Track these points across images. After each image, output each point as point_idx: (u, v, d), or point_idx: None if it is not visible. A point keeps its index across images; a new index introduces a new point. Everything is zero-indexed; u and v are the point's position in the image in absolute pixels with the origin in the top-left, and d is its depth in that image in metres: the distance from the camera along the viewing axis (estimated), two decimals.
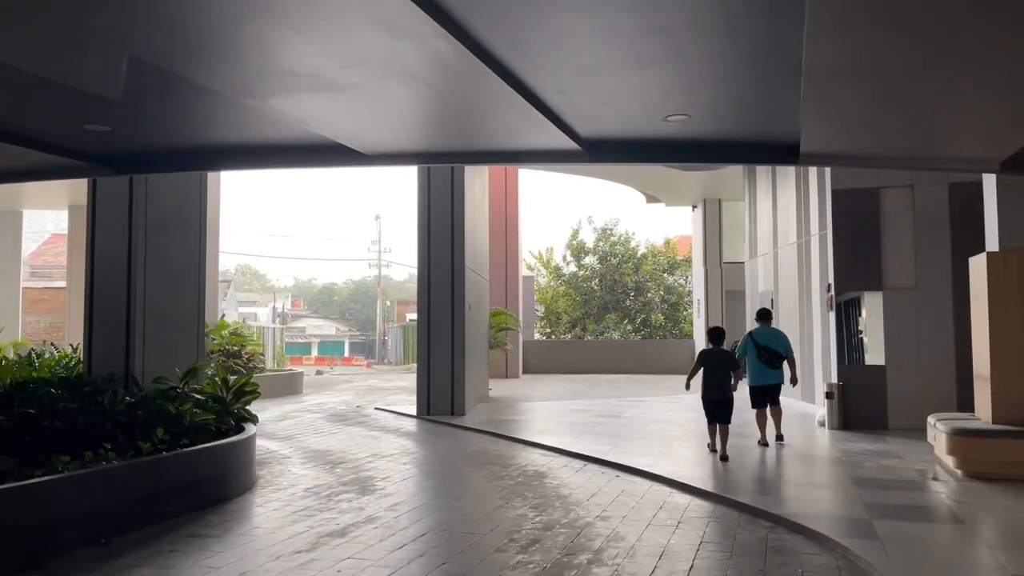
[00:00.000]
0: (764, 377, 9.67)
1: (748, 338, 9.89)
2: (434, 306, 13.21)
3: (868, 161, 4.75)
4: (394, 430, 11.50)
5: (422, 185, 13.38)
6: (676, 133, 4.39)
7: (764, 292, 17.17)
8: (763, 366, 9.64)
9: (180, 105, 4.55)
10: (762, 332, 9.94)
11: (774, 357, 9.65)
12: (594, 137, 4.48)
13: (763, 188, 17.23)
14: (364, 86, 3.78)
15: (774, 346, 9.72)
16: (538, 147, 4.57)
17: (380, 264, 72.07)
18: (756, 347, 9.71)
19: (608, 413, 13.47)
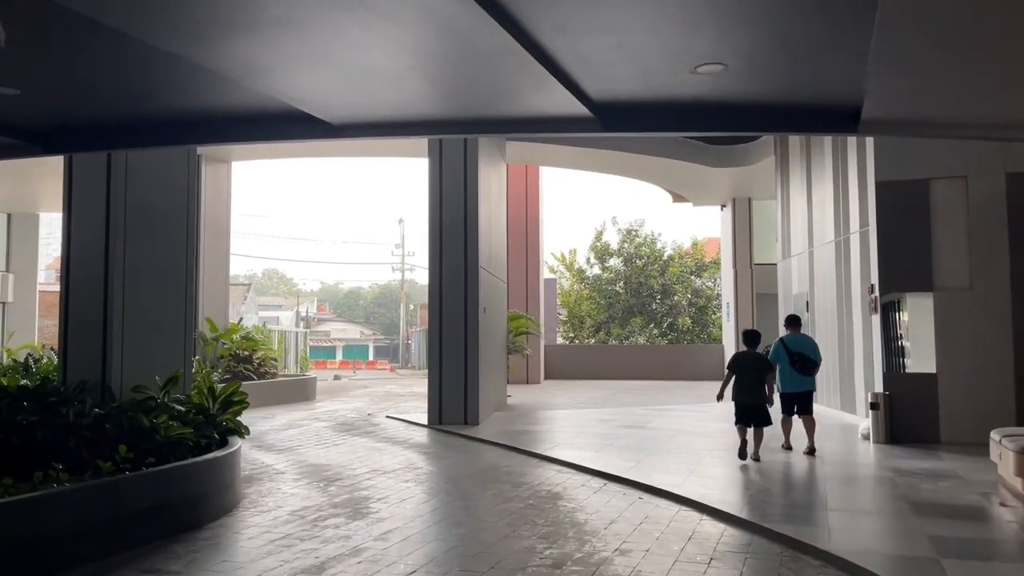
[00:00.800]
0: (797, 384, 9.36)
1: (780, 344, 9.50)
2: (446, 309, 12.47)
3: (943, 130, 3.94)
4: (401, 441, 10.76)
5: (433, 182, 12.65)
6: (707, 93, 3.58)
7: (798, 294, 16.21)
8: (796, 373, 9.33)
9: (100, 61, 3.76)
10: (793, 338, 9.58)
11: (808, 364, 9.35)
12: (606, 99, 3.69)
13: (797, 184, 16.27)
14: (320, 26, 3.01)
15: (807, 352, 9.41)
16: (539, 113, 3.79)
17: (403, 268, 71.87)
18: (789, 353, 9.35)
19: (632, 423, 12.62)
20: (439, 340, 12.45)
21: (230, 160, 18.42)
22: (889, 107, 3.54)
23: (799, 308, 16.08)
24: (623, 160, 18.78)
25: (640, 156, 18.33)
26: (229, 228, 18.63)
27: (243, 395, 8.01)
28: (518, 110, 3.79)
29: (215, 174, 18.01)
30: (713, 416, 13.38)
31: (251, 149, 17.83)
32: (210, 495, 6.30)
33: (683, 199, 24.72)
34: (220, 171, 18.20)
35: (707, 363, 25.25)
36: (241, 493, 7.02)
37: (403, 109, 3.88)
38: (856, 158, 12.66)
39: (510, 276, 23.39)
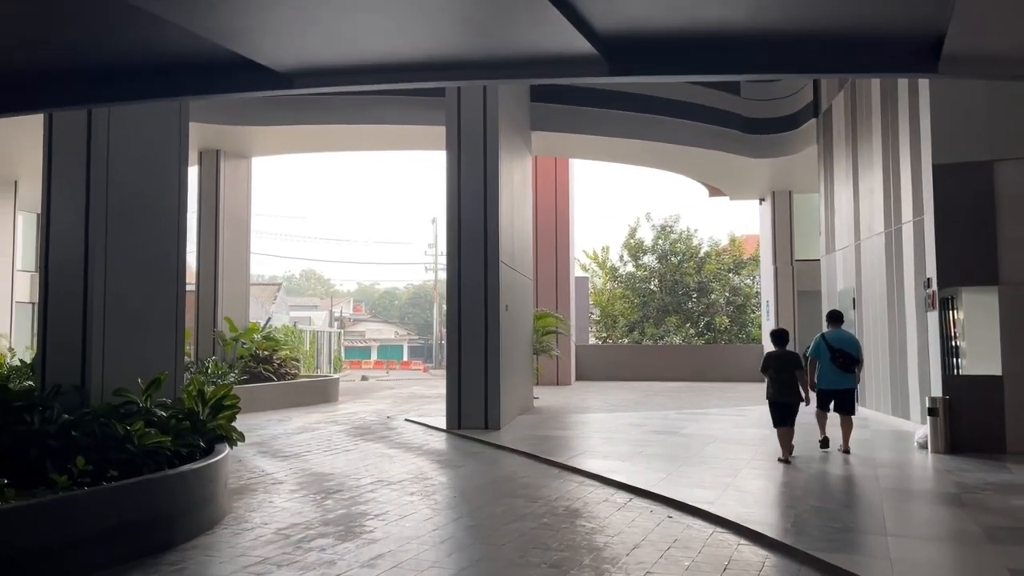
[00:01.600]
0: (838, 381, 9.21)
1: (821, 340, 9.36)
2: (465, 307, 11.76)
3: None
4: (416, 448, 10.07)
5: (451, 174, 11.95)
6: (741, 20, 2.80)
7: (844, 291, 15.18)
8: (837, 370, 9.18)
9: None
10: (835, 334, 9.41)
11: (849, 360, 9.17)
12: (616, 32, 2.92)
13: (842, 172, 15.25)
14: None
15: (848, 349, 9.22)
16: (532, 51, 3.05)
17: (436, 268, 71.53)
18: (830, 350, 9.19)
19: (664, 429, 11.78)
20: (458, 340, 11.74)
21: (250, 155, 17.95)
22: (976, 36, 2.69)
23: (845, 305, 15.06)
24: (656, 151, 17.91)
25: (674, 147, 17.44)
26: (249, 226, 18.16)
27: (235, 399, 7.38)
28: (505, 48, 3.05)
29: (234, 169, 17.55)
30: (752, 421, 12.49)
31: (272, 143, 17.34)
32: (185, 512, 5.65)
33: (720, 193, 23.72)
34: (239, 167, 17.74)
35: (745, 364, 24.16)
36: (226, 508, 6.38)
37: (364, 51, 3.16)
38: (909, 140, 11.66)
39: (538, 274, 22.65)
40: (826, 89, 16.51)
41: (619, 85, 16.48)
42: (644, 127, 16.82)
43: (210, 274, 17.16)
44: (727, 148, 17.93)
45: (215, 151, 17.14)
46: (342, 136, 16.60)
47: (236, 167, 17.64)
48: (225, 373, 14.95)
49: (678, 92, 17.13)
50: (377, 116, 15.23)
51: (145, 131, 7.36)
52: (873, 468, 8.28)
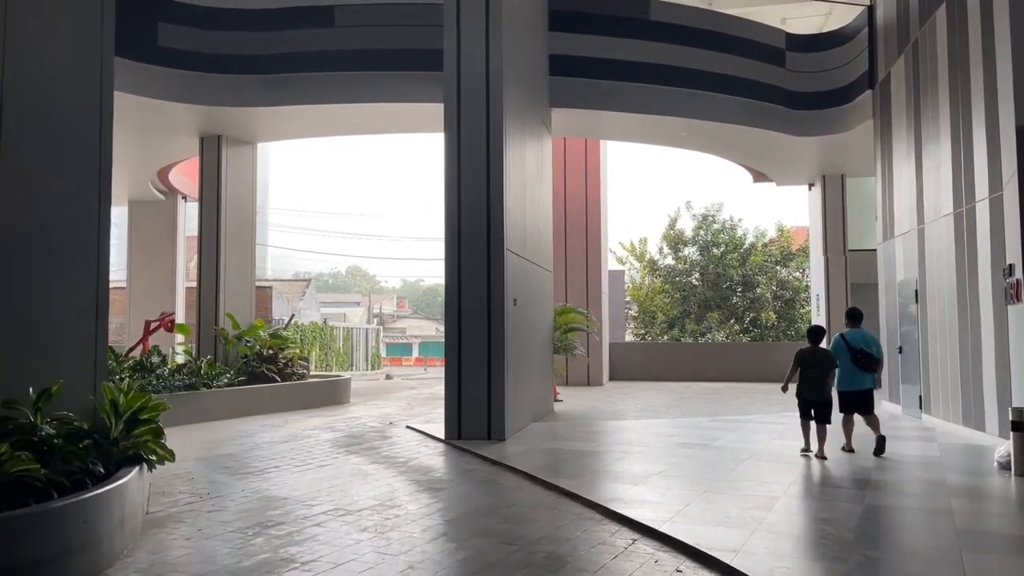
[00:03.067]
0: (858, 382, 8.92)
1: (840, 340, 9.04)
2: (466, 301, 10.41)
3: None
4: (401, 463, 8.76)
5: (449, 150, 10.59)
6: None
7: (905, 282, 13.42)
8: (857, 370, 8.90)
9: None
10: (855, 334, 9.09)
11: (870, 361, 8.88)
12: None
13: (902, 147, 13.46)
14: None
15: (869, 348, 8.92)
16: None
17: None
18: (850, 350, 8.92)
19: (695, 440, 10.28)
20: (457, 339, 10.40)
21: (255, 141, 16.88)
22: None
23: (905, 297, 13.30)
24: (692, 130, 16.28)
25: (711, 125, 15.80)
26: (254, 217, 17.10)
27: (157, 409, 6.17)
28: None
29: (238, 157, 16.50)
30: (795, 431, 10.88)
31: (277, 128, 16.24)
32: (44, 561, 4.41)
33: (765, 178, 21.91)
34: (243, 154, 16.68)
35: None
36: (119, 549, 5.13)
37: None
38: (984, 103, 9.92)
39: (567, 266, 21.20)
40: (884, 55, 14.71)
41: (648, 55, 14.94)
42: (677, 103, 15.22)
43: (212, 268, 16.15)
44: (771, 126, 16.21)
45: (216, 136, 16.10)
46: (350, 118, 15.40)
47: (240, 154, 16.59)
48: (220, 374, 13.88)
49: (715, 64, 15.51)
50: (380, 94, 13.96)
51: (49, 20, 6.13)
52: (944, 498, 6.67)
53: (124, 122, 15.06)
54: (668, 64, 15.15)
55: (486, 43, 10.63)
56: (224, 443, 10.43)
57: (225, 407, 13.48)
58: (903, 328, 13.52)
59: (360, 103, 14.25)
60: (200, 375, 13.42)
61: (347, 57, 14.13)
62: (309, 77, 14.20)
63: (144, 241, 23.03)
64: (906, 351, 13.35)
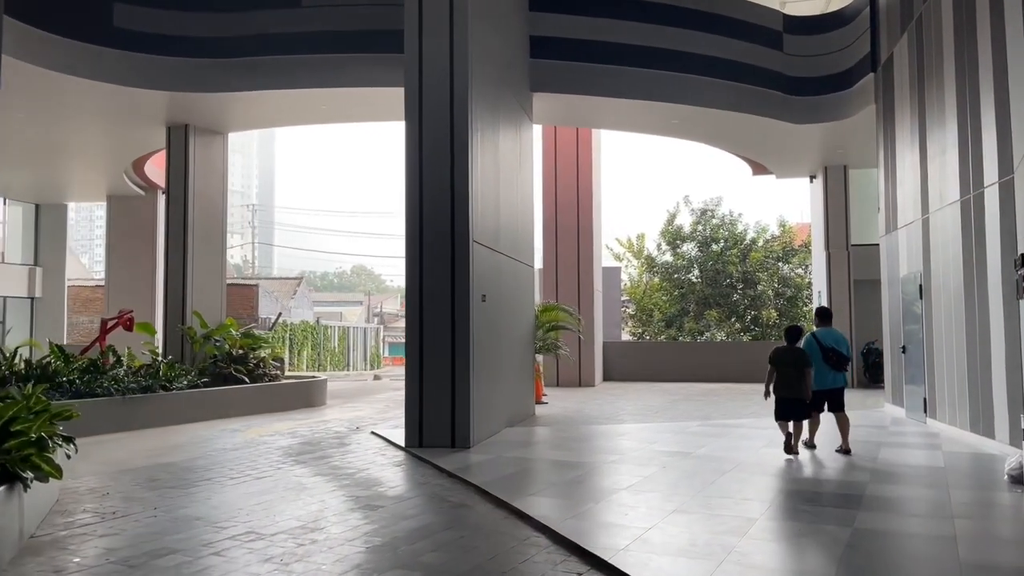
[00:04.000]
0: (830, 380, 8.98)
1: (812, 339, 9.05)
2: (428, 296, 9.59)
3: None
4: (348, 476, 7.95)
5: (411, 134, 9.77)
6: None
7: (908, 277, 12.54)
8: (829, 369, 8.94)
9: None
10: (825, 333, 9.15)
11: (841, 359, 8.94)
12: None
13: (906, 132, 12.58)
14: None
15: (840, 347, 9.00)
16: None
17: None
18: (822, 348, 8.94)
19: (678, 447, 9.45)
20: (418, 338, 9.58)
21: (224, 131, 16.11)
22: None
23: (909, 293, 12.42)
24: (685, 117, 15.42)
25: (705, 111, 14.94)
26: (225, 210, 16.33)
27: (54, 418, 5.38)
28: None
29: (206, 147, 15.73)
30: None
31: (247, 116, 15.47)
32: None
33: (764, 170, 21.03)
34: (213, 144, 15.91)
35: None
36: None
37: None
38: (993, 79, 9.05)
39: (559, 262, 20.37)
40: (886, 35, 13.82)
41: (637, 36, 14.09)
42: (667, 88, 14.37)
43: (179, 265, 15.39)
44: (768, 113, 15.34)
45: (183, 126, 15.33)
46: (320, 105, 14.61)
47: (208, 144, 15.82)
48: (179, 375, 13.11)
49: (708, 46, 14.65)
50: (350, 78, 13.17)
51: None
52: (947, 520, 5.82)
53: (82, 109, 14.33)
54: (658, 46, 14.30)
55: (450, 21, 9.80)
56: (170, 451, 9.65)
57: (185, 411, 12.71)
58: (907, 326, 12.65)
59: (329, 88, 13.47)
60: (157, 376, 12.64)
61: (315, 39, 13.35)
62: (276, 61, 13.43)
63: (123, 238, 22.32)
64: (910, 351, 12.47)
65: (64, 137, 16.45)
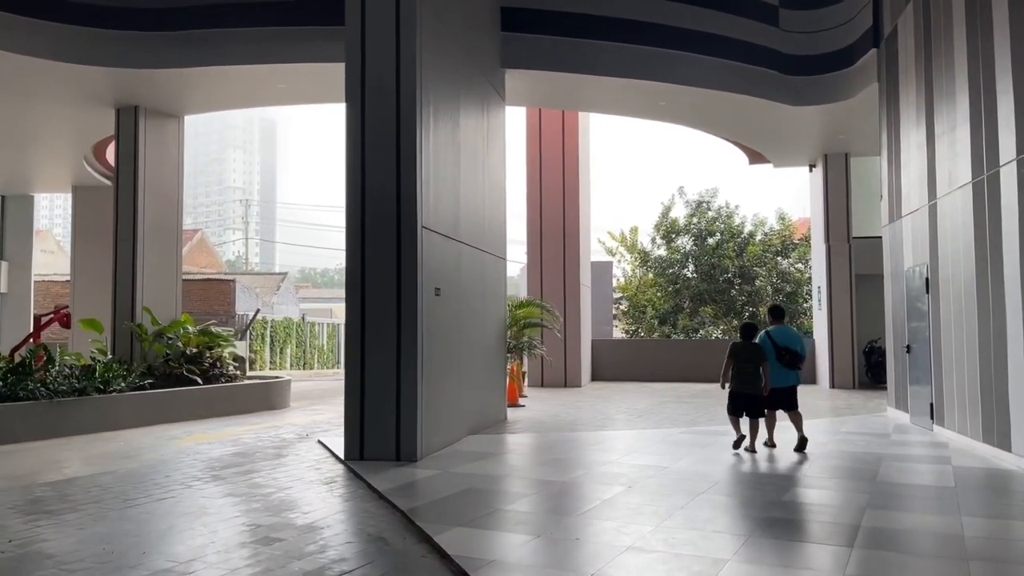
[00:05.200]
0: (784, 379, 8.98)
1: (766, 337, 9.05)
2: (371, 290, 8.51)
3: None
4: (262, 497, 6.87)
5: (352, 109, 8.69)
6: None
7: (913, 269, 11.43)
8: (782, 367, 8.94)
9: None
10: (779, 331, 9.16)
11: (795, 358, 8.95)
12: None
13: (911, 110, 11.46)
14: None
15: (794, 346, 9.00)
16: None
17: None
18: (776, 347, 8.96)
19: (651, 460, 8.37)
20: (359, 336, 8.51)
21: (179, 113, 15.04)
22: None
23: (914, 287, 11.30)
24: (673, 98, 14.32)
25: (694, 92, 13.82)
26: (181, 200, 15.26)
27: None
28: None
29: (159, 131, 14.66)
30: (781, 447, 8.95)
31: (202, 97, 14.40)
32: None
33: (761, 159, 19.91)
34: (166, 128, 14.84)
35: None
36: None
37: None
38: (1010, 44, 7.93)
39: (543, 255, 19.28)
40: (889, 6, 12.68)
41: (619, 9, 12.98)
42: (653, 66, 13.27)
43: (128, 258, 14.34)
44: (763, 93, 14.22)
45: (133, 107, 14.26)
46: (278, 84, 13.52)
47: (161, 127, 14.75)
48: (117, 376, 12.04)
49: (697, 20, 13.53)
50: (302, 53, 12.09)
51: None
52: (963, 560, 4.73)
53: (28, 90, 13.31)
54: (641, 20, 13.19)
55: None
56: (85, 462, 8.60)
57: (124, 415, 11.66)
58: (912, 323, 11.54)
59: (284, 63, 12.39)
60: (93, 378, 11.59)
61: (267, 10, 12.27)
62: (226, 34, 12.36)
63: (89, 230, 21.26)
64: (915, 350, 11.36)
65: (15, 122, 15.42)
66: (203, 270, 39.76)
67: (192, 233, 50.52)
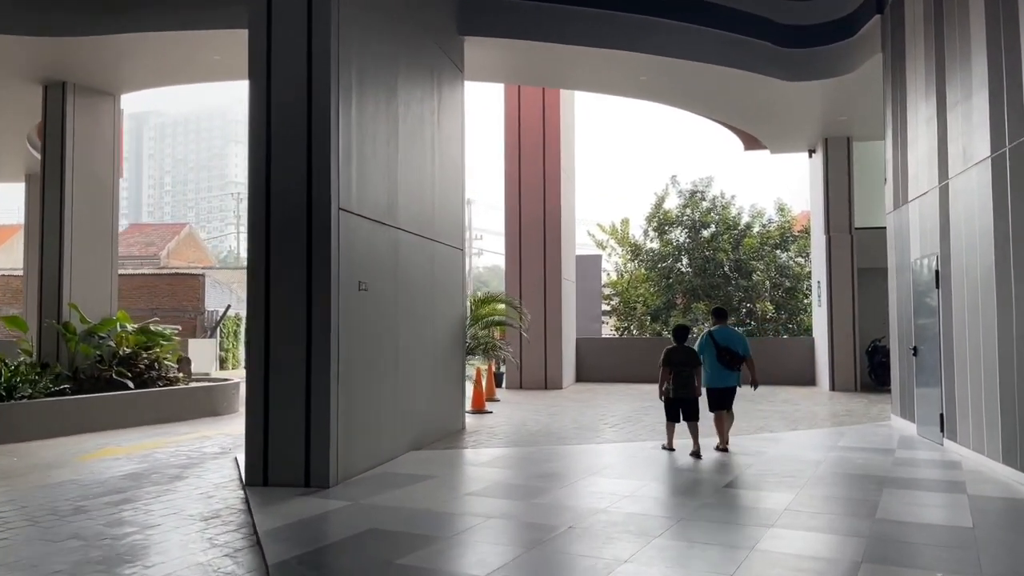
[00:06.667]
0: (723, 379, 8.88)
1: (708, 338, 8.99)
2: (276, 283, 7.20)
3: None
4: (111, 540, 5.56)
5: (257, 72, 7.36)
6: None
7: (920, 260, 10.06)
8: (722, 368, 8.84)
9: None
10: (720, 331, 9.04)
11: (734, 358, 8.83)
12: None
13: (919, 81, 10.08)
14: None
15: (734, 346, 8.87)
16: None
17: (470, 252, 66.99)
18: (716, 347, 8.86)
19: (607, 488, 7.03)
20: (264, 334, 7.19)
21: (115, 91, 13.72)
22: None
23: (922, 281, 9.94)
24: (655, 72, 12.95)
25: (678, 65, 12.46)
26: (116, 187, 13.96)
27: None
28: None
29: (91, 110, 13.35)
30: (768, 466, 7.61)
31: (141, 72, 13.09)
32: None
33: (758, 144, 18.53)
34: (100, 106, 13.53)
35: (793, 361, 19.03)
36: None
37: None
38: None
39: (523, 247, 17.98)
40: None
41: None
42: (630, 34, 11.90)
43: (54, 250, 13.05)
44: (755, 67, 12.84)
45: (60, 83, 12.96)
46: (212, 55, 12.19)
47: (94, 107, 13.43)
48: (24, 381, 10.75)
49: None
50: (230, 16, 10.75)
51: None
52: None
53: None
54: None
55: None
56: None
57: (33, 425, 10.37)
58: (919, 321, 10.18)
59: (200, 30, 11.04)
60: None
61: None
62: None
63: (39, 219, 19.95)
64: (923, 352, 10.01)
65: None
66: (191, 265, 38.54)
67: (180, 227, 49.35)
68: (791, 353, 19.36)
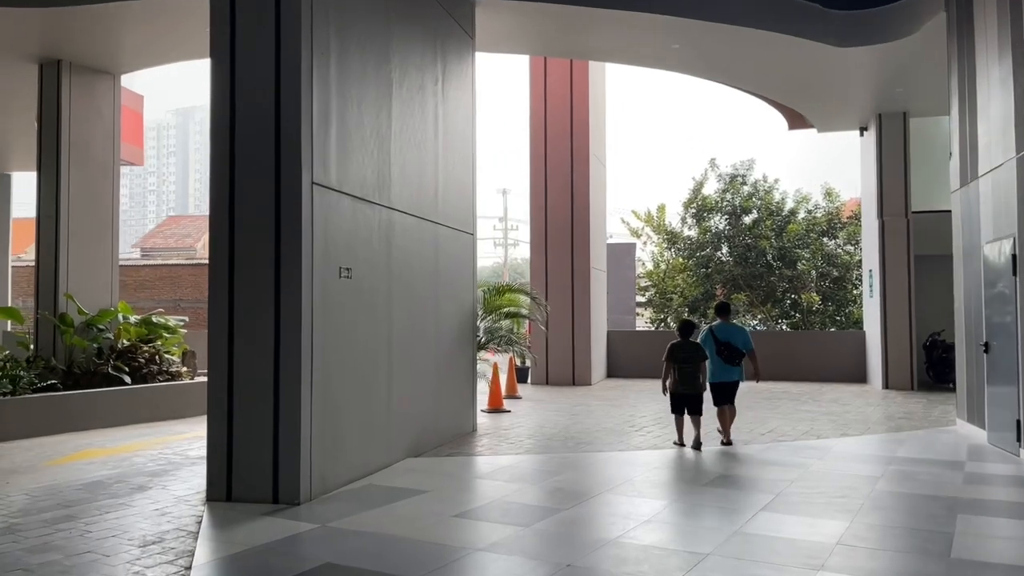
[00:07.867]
0: (724, 374, 8.91)
1: (708, 334, 9.00)
2: (241, 266, 6.28)
3: None
4: (29, 571, 4.71)
5: (219, 28, 6.44)
6: None
7: (993, 243, 8.75)
8: (723, 363, 8.87)
9: None
10: (721, 327, 9.01)
11: (734, 353, 8.84)
12: None
13: (991, 43, 8.76)
14: None
15: (734, 341, 8.88)
16: None
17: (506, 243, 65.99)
18: (716, 343, 8.89)
19: (624, 510, 5.99)
20: (228, 327, 6.28)
21: (115, 71, 13.01)
22: None
23: (996, 268, 8.64)
24: (689, 37, 11.78)
25: (713, 29, 11.27)
26: (117, 173, 13.26)
27: None
28: None
29: (89, 90, 12.65)
30: (816, 484, 6.47)
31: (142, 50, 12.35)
32: None
33: (803, 122, 17.16)
34: (99, 86, 12.83)
35: (841, 357, 17.67)
36: None
37: None
38: None
39: (548, 234, 16.94)
40: None
41: None
42: None
43: (51, 239, 12.42)
44: (800, 31, 11.58)
45: (56, 61, 12.28)
46: None
47: (92, 86, 12.73)
48: (6, 376, 10.07)
49: None
50: None
51: None
52: None
53: None
54: None
55: None
56: None
57: (13, 424, 9.70)
58: (991, 314, 8.90)
59: None
60: None
61: None
62: None
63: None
64: (996, 349, 8.73)
65: None
66: None
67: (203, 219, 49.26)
68: (839, 348, 17.99)
